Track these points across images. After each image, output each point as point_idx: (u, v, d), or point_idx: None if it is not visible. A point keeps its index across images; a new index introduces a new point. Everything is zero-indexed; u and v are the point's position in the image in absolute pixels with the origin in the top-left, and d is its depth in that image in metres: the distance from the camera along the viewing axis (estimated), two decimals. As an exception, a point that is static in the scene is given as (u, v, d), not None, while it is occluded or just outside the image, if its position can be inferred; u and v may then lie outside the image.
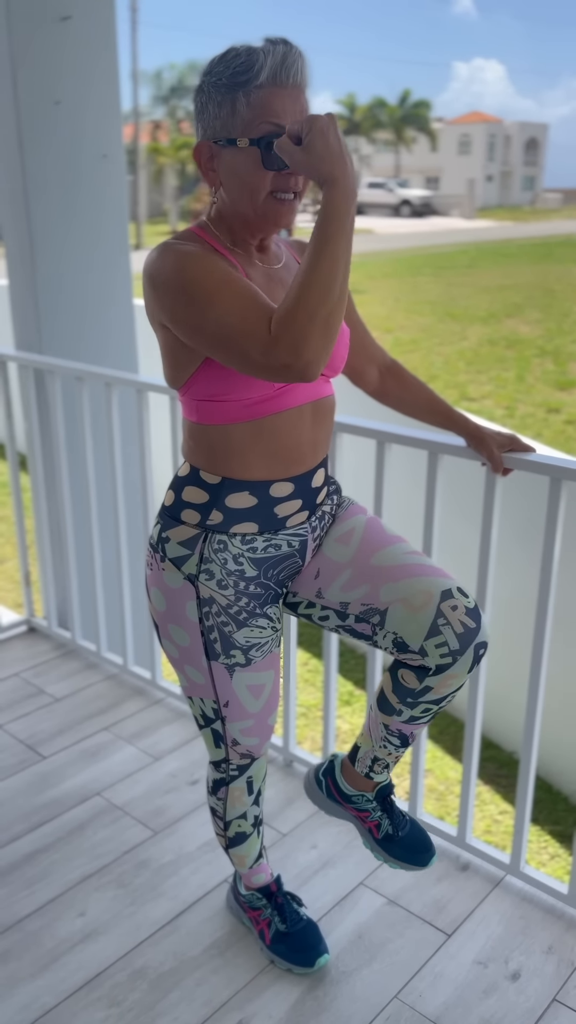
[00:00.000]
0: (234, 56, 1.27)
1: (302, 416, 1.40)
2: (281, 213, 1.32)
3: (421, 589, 1.38)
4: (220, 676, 1.48)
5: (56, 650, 2.97)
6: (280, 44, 1.26)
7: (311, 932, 1.77)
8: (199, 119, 1.33)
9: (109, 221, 2.88)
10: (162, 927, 1.86)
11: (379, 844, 1.62)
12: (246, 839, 1.71)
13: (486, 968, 1.76)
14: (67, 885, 1.96)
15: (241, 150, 1.28)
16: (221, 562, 1.42)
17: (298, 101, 1.28)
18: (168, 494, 1.48)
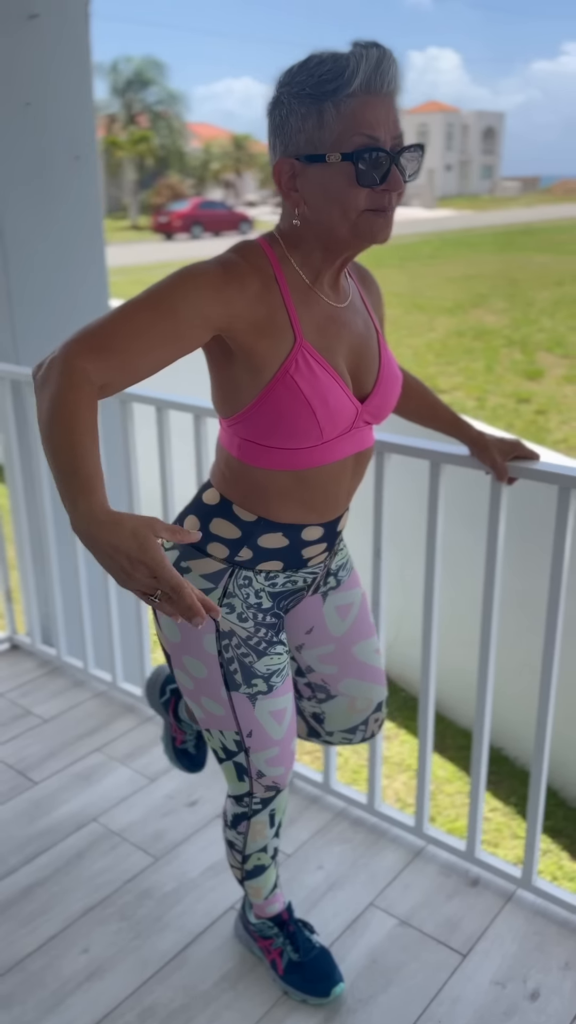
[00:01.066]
0: (318, 63, 1.15)
1: (345, 468, 1.35)
2: (378, 228, 1.21)
3: (368, 696, 1.64)
4: (242, 706, 1.43)
5: (41, 668, 2.89)
6: (372, 47, 1.13)
7: (325, 961, 1.72)
8: (277, 135, 1.20)
9: (83, 224, 2.80)
10: (170, 960, 1.80)
11: (175, 753, 1.81)
12: (264, 871, 1.66)
13: (504, 988, 1.73)
14: (68, 920, 1.89)
15: (331, 166, 1.16)
16: (243, 596, 1.39)
17: (391, 111, 1.16)
18: (189, 520, 1.40)
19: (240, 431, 1.29)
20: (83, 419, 1.07)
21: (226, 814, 1.64)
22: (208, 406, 2.13)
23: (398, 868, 2.02)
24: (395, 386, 1.37)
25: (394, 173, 1.17)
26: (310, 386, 1.23)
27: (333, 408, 1.25)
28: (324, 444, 1.27)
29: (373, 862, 2.04)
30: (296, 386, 1.22)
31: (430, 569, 1.90)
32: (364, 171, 1.15)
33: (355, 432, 1.32)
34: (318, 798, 2.24)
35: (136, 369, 1.14)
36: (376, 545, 1.96)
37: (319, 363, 1.24)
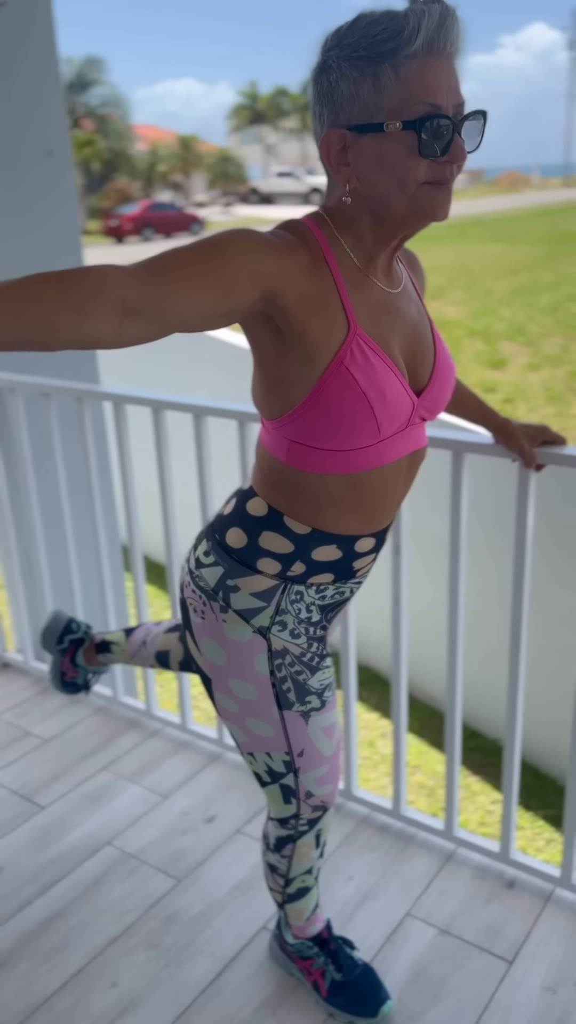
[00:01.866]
0: (371, 22, 1.04)
1: (400, 469, 1.26)
2: (439, 203, 1.11)
3: None
4: (294, 725, 1.34)
5: (35, 686, 2.77)
6: (434, 2, 1.02)
7: (370, 978, 1.64)
8: (324, 103, 1.09)
9: (58, 220, 2.68)
10: (204, 989, 1.70)
11: (62, 681, 1.87)
12: (307, 893, 1.58)
13: (556, 994, 1.66)
14: (93, 952, 1.79)
15: (390, 135, 1.05)
16: (295, 612, 1.30)
17: (454, 75, 1.06)
18: (235, 533, 1.29)
19: (289, 432, 1.18)
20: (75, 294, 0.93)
21: (268, 837, 1.55)
22: (207, 404, 2.03)
23: (431, 874, 1.95)
24: (451, 377, 1.29)
25: (457, 143, 1.07)
26: (367, 378, 1.12)
27: (391, 401, 1.15)
28: (380, 443, 1.18)
29: (404, 869, 1.97)
30: (352, 378, 1.12)
31: (454, 565, 1.83)
32: (426, 141, 1.05)
33: (410, 429, 1.22)
34: (340, 805, 2.16)
35: (173, 306, 0.99)
36: (396, 542, 1.88)
37: (375, 352, 1.14)
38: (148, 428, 2.20)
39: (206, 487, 2.14)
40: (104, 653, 1.84)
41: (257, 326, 1.13)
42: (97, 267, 0.95)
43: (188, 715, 2.44)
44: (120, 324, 0.96)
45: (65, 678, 1.88)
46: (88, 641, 1.87)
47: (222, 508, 1.37)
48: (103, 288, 0.94)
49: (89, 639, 1.87)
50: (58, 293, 0.91)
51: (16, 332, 0.89)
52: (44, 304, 0.90)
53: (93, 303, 0.93)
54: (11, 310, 0.88)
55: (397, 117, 1.05)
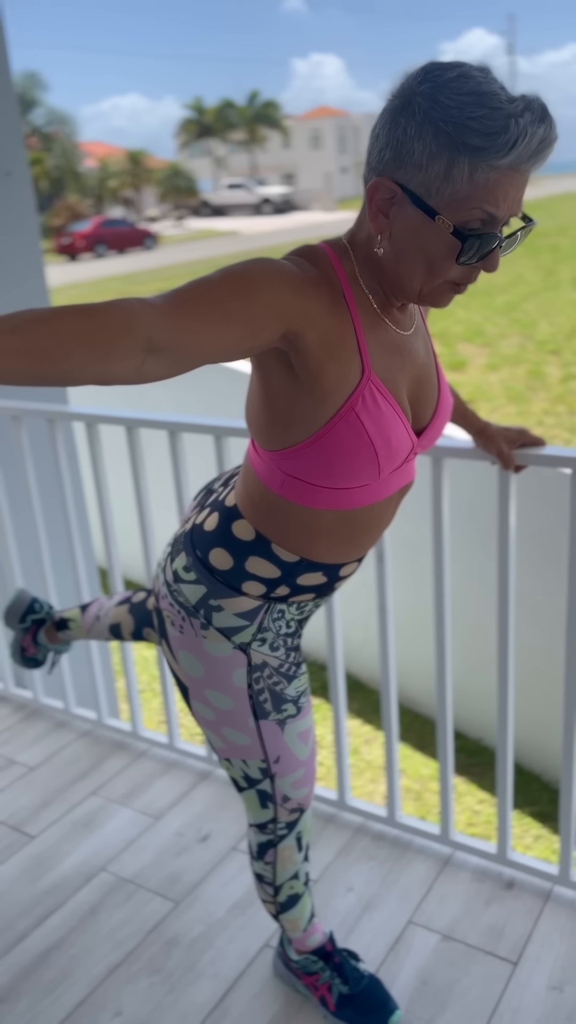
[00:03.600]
0: (473, 100, 0.94)
1: (390, 504, 1.27)
2: (446, 300, 1.10)
3: None
4: (270, 733, 1.34)
5: (17, 712, 2.73)
6: (540, 122, 0.94)
7: (377, 989, 1.63)
8: (390, 145, 1.01)
9: (19, 242, 2.66)
10: (211, 1012, 1.68)
11: (22, 658, 1.91)
12: (298, 901, 1.56)
13: (562, 992, 1.67)
14: (94, 982, 1.76)
15: (436, 226, 1.01)
16: (276, 629, 1.31)
17: (523, 188, 1.01)
18: (218, 554, 1.27)
19: (287, 467, 1.16)
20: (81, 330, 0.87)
21: (251, 846, 1.54)
22: (182, 420, 2.02)
23: (429, 880, 1.95)
24: (447, 415, 1.27)
25: (495, 255, 1.04)
26: (375, 425, 1.10)
27: (395, 448, 1.14)
28: (377, 482, 1.18)
29: (403, 876, 1.96)
30: (361, 424, 1.09)
31: (439, 570, 1.83)
32: (468, 249, 1.01)
33: (404, 465, 1.22)
34: (334, 816, 2.16)
35: (199, 346, 0.95)
36: (379, 550, 1.88)
37: (385, 398, 1.11)
38: (121, 447, 2.18)
39: (184, 504, 2.13)
40: (63, 631, 1.88)
41: (270, 360, 1.09)
42: (123, 302, 0.90)
43: (175, 734, 2.42)
44: (143, 362, 0.91)
45: (26, 654, 1.92)
46: (49, 621, 1.91)
47: (196, 516, 1.34)
48: (131, 327, 0.88)
49: (51, 619, 1.91)
50: (84, 331, 0.86)
51: (33, 371, 0.84)
52: (68, 344, 0.84)
53: (119, 343, 0.88)
54: (31, 349, 0.83)
55: (452, 215, 1.00)
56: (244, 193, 46.48)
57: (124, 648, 2.42)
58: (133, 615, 1.73)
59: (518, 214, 1.04)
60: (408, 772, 4.18)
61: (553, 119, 0.97)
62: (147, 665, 4.83)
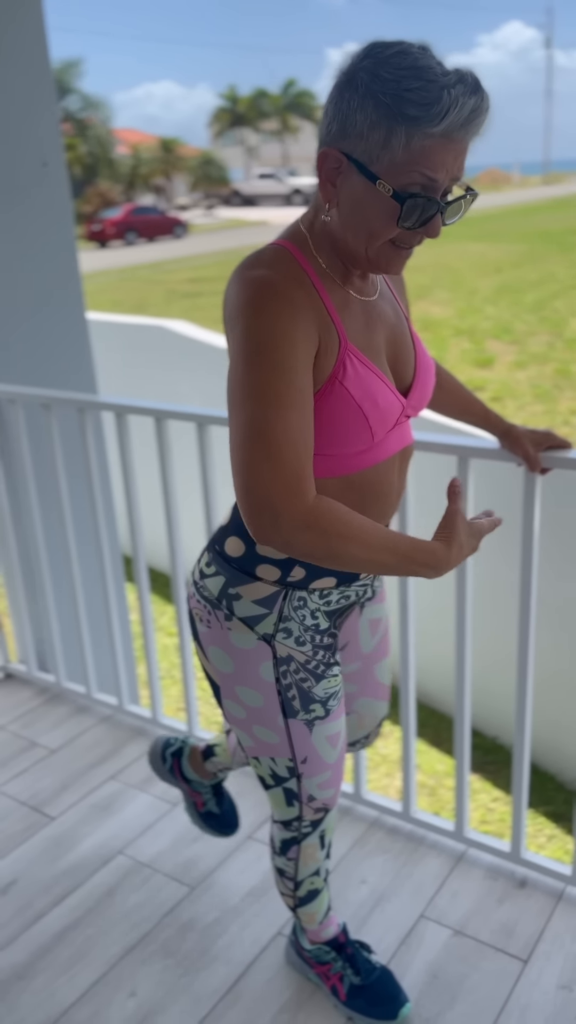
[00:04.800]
0: (410, 72, 1.01)
1: (392, 466, 1.28)
2: (394, 262, 1.16)
3: (375, 714, 1.62)
4: (299, 733, 1.35)
5: (39, 696, 2.77)
6: (471, 94, 1.02)
7: (388, 981, 1.66)
8: (336, 118, 1.08)
9: (55, 232, 2.68)
10: (223, 996, 1.71)
11: (201, 817, 1.83)
12: (317, 896, 1.58)
13: (572, 992, 1.68)
14: (110, 962, 1.80)
15: (378, 191, 1.08)
16: (300, 619, 1.31)
17: (462, 155, 1.07)
18: (233, 542, 1.31)
19: None
20: (346, 524, 1.09)
21: (273, 841, 1.56)
22: (209, 413, 2.04)
23: (442, 875, 1.96)
24: (431, 374, 1.32)
25: (436, 221, 1.11)
26: (360, 390, 1.16)
27: (383, 408, 1.19)
28: (373, 444, 1.21)
29: (416, 871, 1.98)
30: (347, 392, 1.16)
31: (462, 569, 1.84)
32: (408, 213, 1.08)
33: (398, 427, 1.26)
34: (350, 809, 2.18)
35: (308, 446, 1.10)
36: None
37: (364, 364, 1.18)
38: (150, 438, 2.21)
39: (210, 496, 2.15)
40: (211, 759, 1.77)
41: None
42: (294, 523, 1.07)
43: (195, 722, 2.44)
44: (317, 491, 1.16)
45: (199, 810, 1.83)
46: (187, 748, 1.82)
47: (223, 521, 1.39)
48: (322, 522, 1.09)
49: (188, 746, 1.82)
50: (353, 551, 1.11)
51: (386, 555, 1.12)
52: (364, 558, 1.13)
53: (337, 524, 1.10)
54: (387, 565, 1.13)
55: (391, 179, 1.07)
56: (275, 183, 46.35)
57: (146, 635, 2.45)
58: None
59: (459, 181, 1.11)
60: (423, 768, 4.19)
61: (486, 92, 1.04)
62: (167, 653, 4.87)
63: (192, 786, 1.81)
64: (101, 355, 5.46)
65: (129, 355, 5.88)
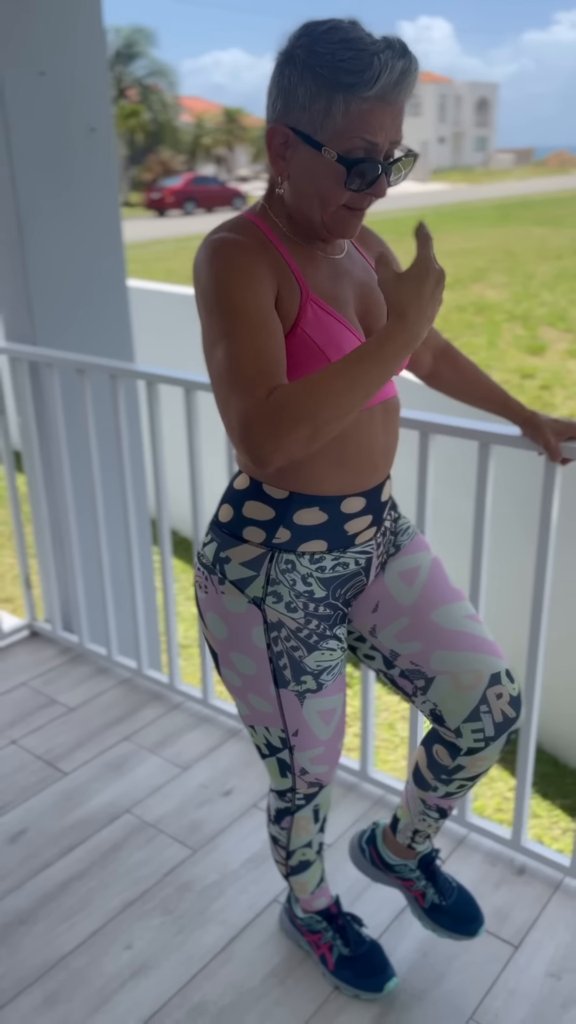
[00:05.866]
0: (343, 46, 1.10)
1: (373, 419, 1.28)
2: (349, 225, 1.22)
3: (472, 668, 1.35)
4: (290, 704, 1.37)
5: (62, 655, 2.83)
6: (399, 57, 1.10)
7: (376, 955, 1.68)
8: (281, 95, 1.16)
9: (100, 199, 2.71)
10: (215, 956, 1.76)
11: (426, 913, 1.61)
12: (309, 867, 1.61)
13: (560, 980, 1.69)
14: (109, 915, 1.85)
15: (323, 158, 1.15)
16: (289, 583, 1.31)
17: (398, 117, 1.15)
18: (224, 509, 1.35)
19: None
20: (307, 385, 1.08)
21: (269, 809, 1.59)
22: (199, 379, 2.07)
23: (442, 857, 1.98)
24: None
25: (381, 181, 1.17)
26: (323, 335, 1.20)
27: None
28: None
29: (416, 851, 2.00)
30: (309, 338, 1.20)
31: (477, 556, 1.84)
32: (353, 176, 1.15)
33: None
34: (355, 786, 2.20)
35: (279, 366, 1.13)
36: (420, 529, 1.89)
37: (327, 312, 1.22)
38: (180, 407, 2.23)
39: (233, 466, 2.17)
40: (397, 828, 1.60)
41: None
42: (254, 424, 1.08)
43: (210, 689, 2.48)
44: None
45: (422, 905, 1.61)
46: (379, 830, 1.67)
47: None
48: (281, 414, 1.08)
49: (380, 827, 1.67)
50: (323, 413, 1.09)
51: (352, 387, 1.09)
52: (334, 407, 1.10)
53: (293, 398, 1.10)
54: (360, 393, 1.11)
55: (335, 145, 1.14)
56: (338, 158, 45.86)
57: (167, 601, 2.49)
58: (423, 745, 1.48)
59: (398, 139, 1.17)
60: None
61: (413, 55, 1.11)
62: (190, 621, 4.92)
63: (398, 873, 1.63)
64: (149, 324, 5.49)
65: (176, 324, 5.91)
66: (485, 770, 1.41)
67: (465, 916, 1.59)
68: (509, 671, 1.37)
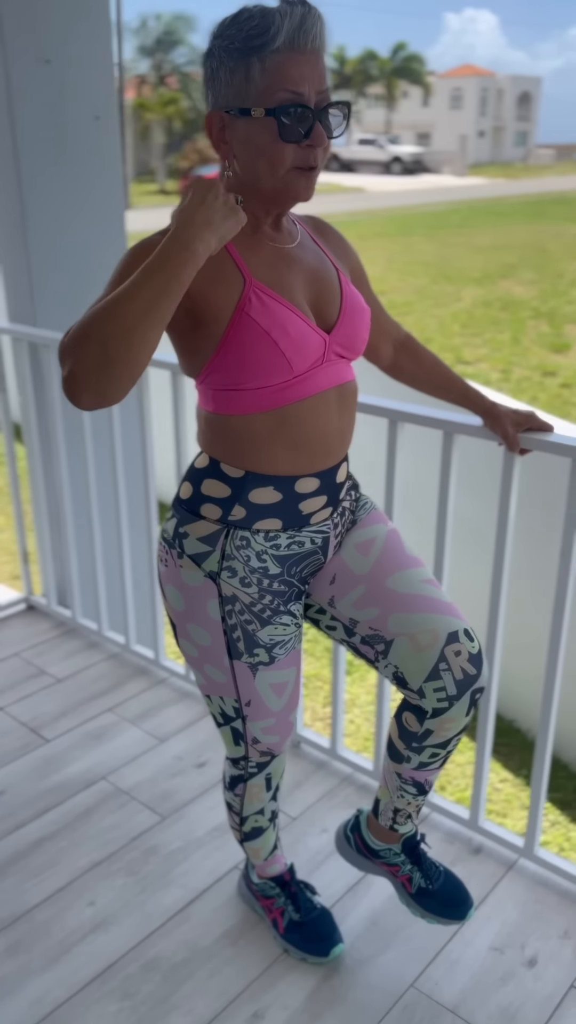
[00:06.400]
0: (247, 17, 1.19)
1: (327, 403, 1.33)
2: (301, 186, 1.26)
3: (429, 628, 1.37)
4: (243, 675, 1.43)
5: (56, 629, 2.92)
6: (298, 5, 1.18)
7: (325, 921, 1.75)
8: (209, 87, 1.25)
9: (103, 186, 2.77)
10: (173, 916, 1.83)
11: (413, 899, 1.60)
12: (262, 833, 1.68)
13: (502, 954, 1.75)
14: (75, 873, 1.94)
15: (256, 120, 1.21)
16: (244, 559, 1.37)
17: (316, 67, 1.21)
18: (184, 486, 1.41)
19: (212, 382, 1.29)
20: (90, 312, 1.10)
21: (225, 776, 1.66)
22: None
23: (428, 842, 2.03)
24: (361, 317, 1.37)
25: (318, 129, 1.22)
26: (267, 319, 1.24)
27: (295, 337, 1.25)
28: (297, 378, 1.28)
29: (377, 827, 2.06)
30: (253, 321, 1.24)
31: (440, 542, 1.89)
32: (287, 126, 1.20)
33: (328, 365, 1.32)
34: (325, 763, 2.27)
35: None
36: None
37: (272, 297, 1.26)
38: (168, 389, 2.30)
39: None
40: (377, 813, 1.60)
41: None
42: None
43: (192, 667, 2.56)
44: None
45: (410, 891, 1.60)
46: (363, 817, 1.66)
47: None
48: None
49: (363, 814, 1.67)
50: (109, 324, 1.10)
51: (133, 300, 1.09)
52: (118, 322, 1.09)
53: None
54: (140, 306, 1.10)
55: (262, 104, 1.20)
56: (375, 150, 45.70)
57: (153, 579, 2.56)
58: (394, 717, 1.49)
59: (324, 89, 1.22)
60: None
61: (313, 5, 1.18)
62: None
63: (384, 859, 1.62)
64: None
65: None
66: (455, 735, 1.41)
67: (453, 899, 1.58)
68: (468, 630, 1.38)
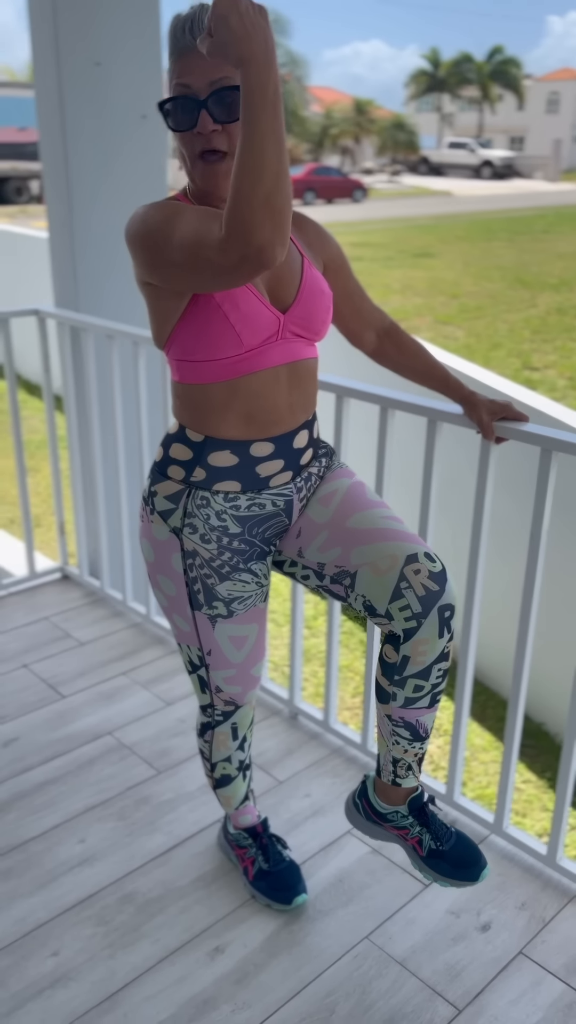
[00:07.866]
0: (170, 28, 1.34)
1: (277, 379, 1.44)
2: (209, 176, 1.34)
3: (388, 553, 1.41)
4: (203, 625, 1.56)
5: (86, 597, 3.10)
6: (187, 12, 1.30)
7: (292, 872, 1.86)
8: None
9: (148, 183, 2.94)
10: (155, 858, 1.97)
11: (424, 862, 1.58)
12: (231, 781, 1.80)
13: (458, 918, 1.83)
14: (71, 814, 2.09)
15: (165, 117, 1.33)
16: (204, 517, 1.49)
17: (203, 62, 1.29)
18: (159, 450, 1.55)
19: (175, 353, 1.43)
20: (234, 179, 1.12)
21: (197, 723, 1.79)
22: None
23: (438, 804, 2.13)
24: (320, 299, 1.45)
25: (202, 116, 1.30)
26: (221, 294, 1.34)
27: (247, 313, 1.35)
28: (250, 352, 1.38)
29: (358, 796, 2.16)
30: (209, 296, 1.34)
31: (423, 527, 1.99)
32: (173, 115, 1.31)
33: (283, 343, 1.41)
34: (318, 735, 2.38)
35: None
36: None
37: None
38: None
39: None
40: (380, 769, 1.60)
41: (148, 285, 1.40)
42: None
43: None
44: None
45: (420, 854, 1.58)
46: (369, 781, 1.66)
47: None
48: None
49: (370, 779, 1.67)
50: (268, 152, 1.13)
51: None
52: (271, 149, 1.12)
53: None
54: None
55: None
56: (465, 153, 45.21)
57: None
58: (378, 663, 1.51)
59: (218, 79, 1.29)
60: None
61: (198, 15, 1.28)
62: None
63: (392, 822, 1.61)
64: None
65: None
66: (433, 663, 1.41)
67: (466, 860, 1.54)
68: (429, 553, 1.40)
